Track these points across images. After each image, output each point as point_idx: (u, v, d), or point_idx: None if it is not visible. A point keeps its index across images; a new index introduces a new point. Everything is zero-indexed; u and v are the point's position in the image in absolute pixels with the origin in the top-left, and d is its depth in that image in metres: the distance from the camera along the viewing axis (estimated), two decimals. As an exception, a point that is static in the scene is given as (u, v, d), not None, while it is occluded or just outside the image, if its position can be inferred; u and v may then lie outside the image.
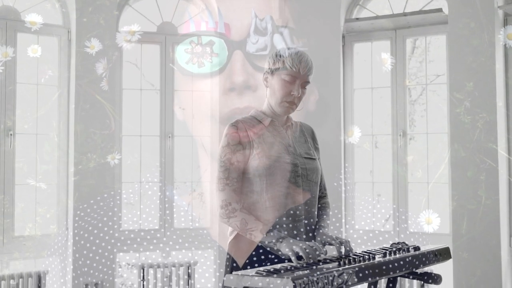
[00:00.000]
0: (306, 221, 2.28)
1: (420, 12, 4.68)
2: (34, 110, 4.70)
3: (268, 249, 2.19)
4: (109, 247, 4.61)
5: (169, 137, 4.93)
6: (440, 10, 4.58)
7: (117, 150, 4.72)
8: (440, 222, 4.37)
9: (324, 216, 2.41)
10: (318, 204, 2.41)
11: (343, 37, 4.99)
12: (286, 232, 2.22)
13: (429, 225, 4.31)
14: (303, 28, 4.90)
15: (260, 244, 2.19)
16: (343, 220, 4.85)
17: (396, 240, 4.66)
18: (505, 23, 4.46)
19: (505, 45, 4.33)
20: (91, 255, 4.55)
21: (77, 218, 4.56)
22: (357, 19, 4.91)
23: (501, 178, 4.29)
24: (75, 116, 4.58)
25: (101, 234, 4.59)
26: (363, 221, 4.98)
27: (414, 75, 6.62)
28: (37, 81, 4.65)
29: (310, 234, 2.31)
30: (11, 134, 4.46)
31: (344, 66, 4.98)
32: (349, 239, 4.70)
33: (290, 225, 2.24)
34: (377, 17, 4.85)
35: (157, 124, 4.96)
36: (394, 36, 4.86)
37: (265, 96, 2.39)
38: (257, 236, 2.17)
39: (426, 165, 4.82)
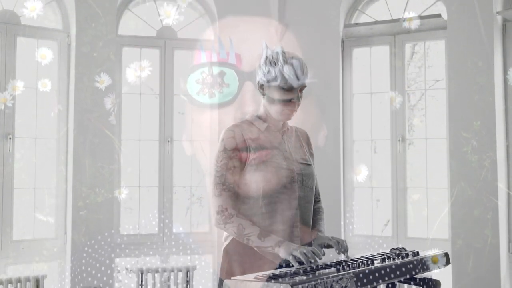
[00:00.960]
0: (301, 226, 2.27)
1: (419, 17, 4.69)
2: (41, 142, 4.74)
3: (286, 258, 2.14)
4: (107, 252, 4.60)
5: (168, 141, 4.93)
6: (439, 15, 4.59)
7: (124, 184, 4.76)
8: (446, 260, 4.33)
9: (320, 221, 2.40)
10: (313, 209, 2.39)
11: (342, 42, 4.99)
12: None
13: (435, 264, 4.31)
14: (303, 33, 4.91)
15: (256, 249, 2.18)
16: (342, 225, 4.85)
17: (395, 245, 4.65)
18: (504, 28, 4.47)
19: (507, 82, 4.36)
20: (89, 259, 4.54)
21: (76, 222, 4.56)
22: (356, 24, 4.92)
23: (503, 215, 4.30)
24: (83, 149, 4.58)
25: (100, 239, 4.58)
26: (362, 226, 4.98)
27: (413, 80, 6.63)
28: (37, 111, 4.69)
29: (306, 239, 2.29)
30: (10, 138, 4.46)
31: (343, 71, 4.99)
32: (344, 239, 4.70)
33: (286, 231, 2.22)
34: (376, 22, 4.86)
35: (156, 128, 4.96)
36: (393, 41, 4.87)
37: (262, 102, 2.36)
38: (254, 241, 2.16)
39: (425, 170, 4.82)
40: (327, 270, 1.91)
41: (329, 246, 2.27)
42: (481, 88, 4.33)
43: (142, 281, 4.47)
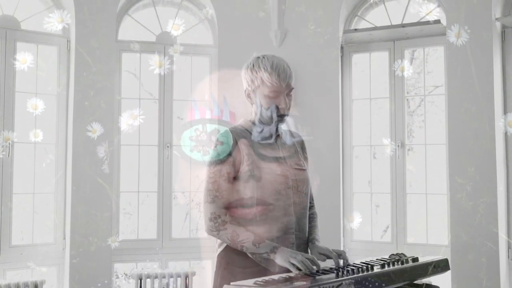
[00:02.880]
0: (297, 233, 2.24)
1: (418, 23, 4.70)
2: (36, 191, 4.71)
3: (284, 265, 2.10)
4: (106, 257, 4.59)
5: (168, 146, 4.93)
6: (438, 21, 4.60)
7: (117, 232, 4.73)
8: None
9: (315, 229, 2.36)
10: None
11: (342, 47, 5.00)
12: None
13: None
14: (302, 38, 4.92)
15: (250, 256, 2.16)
16: (341, 231, 4.84)
17: (395, 251, 4.65)
18: (503, 35, 4.48)
19: (506, 132, 4.34)
20: (88, 264, 4.53)
21: (75, 227, 4.55)
22: (355, 30, 4.93)
23: (502, 261, 4.27)
24: (76, 197, 4.56)
25: (99, 244, 4.57)
26: (362, 232, 4.97)
27: (413, 86, 6.65)
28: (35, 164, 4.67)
29: (301, 246, 2.26)
30: (9, 144, 4.46)
31: (342, 76, 5.00)
32: (345, 250, 4.65)
33: (281, 237, 2.18)
34: (375, 28, 4.87)
35: (156, 133, 4.96)
36: (393, 47, 4.88)
37: (252, 108, 2.32)
38: (249, 248, 2.12)
39: (424, 176, 4.82)
40: (326, 276, 1.91)
41: (328, 257, 2.23)
42: (473, 70, 4.29)
43: (141, 286, 4.46)
